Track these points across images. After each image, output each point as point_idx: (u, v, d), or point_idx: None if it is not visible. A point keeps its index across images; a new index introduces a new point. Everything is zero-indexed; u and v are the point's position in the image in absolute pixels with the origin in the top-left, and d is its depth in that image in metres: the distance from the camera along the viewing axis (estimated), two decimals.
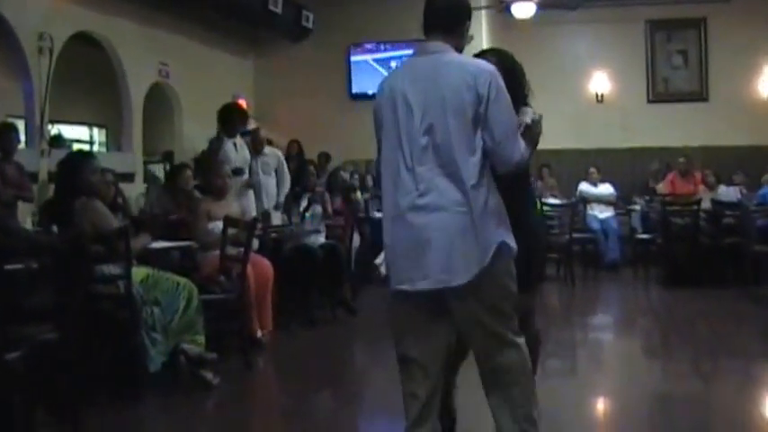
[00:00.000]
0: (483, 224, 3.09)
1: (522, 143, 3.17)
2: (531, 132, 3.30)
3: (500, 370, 3.23)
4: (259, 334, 6.56)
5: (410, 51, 14.07)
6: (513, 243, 3.17)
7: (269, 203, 8.58)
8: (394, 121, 3.19)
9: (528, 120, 3.31)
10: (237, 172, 7.97)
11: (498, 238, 3.12)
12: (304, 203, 8.23)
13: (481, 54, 3.61)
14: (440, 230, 3.09)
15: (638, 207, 11.55)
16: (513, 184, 3.34)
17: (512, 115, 3.16)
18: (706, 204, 10.20)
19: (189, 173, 7.69)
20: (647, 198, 11.47)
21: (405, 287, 3.18)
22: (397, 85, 3.23)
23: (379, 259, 3.56)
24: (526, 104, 3.53)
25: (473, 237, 3.08)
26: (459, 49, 3.28)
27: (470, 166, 3.08)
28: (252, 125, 9.76)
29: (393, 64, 13.42)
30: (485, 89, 3.07)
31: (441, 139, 3.09)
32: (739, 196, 10.54)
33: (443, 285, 3.11)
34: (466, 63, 3.19)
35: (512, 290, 3.21)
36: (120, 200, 6.80)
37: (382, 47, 13.36)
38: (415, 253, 3.12)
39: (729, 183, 11.04)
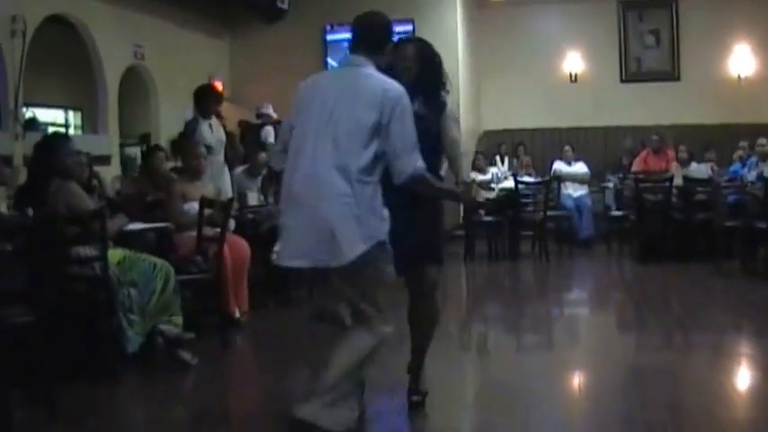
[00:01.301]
0: (365, 217, 3.37)
1: (420, 162, 3.44)
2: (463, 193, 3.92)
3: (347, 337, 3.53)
4: (237, 313, 6.61)
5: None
6: (389, 245, 3.45)
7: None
8: (308, 114, 3.50)
9: (467, 179, 3.91)
10: (210, 150, 7.95)
11: (379, 236, 3.41)
12: None
13: (402, 42, 3.99)
14: (322, 218, 3.35)
15: (611, 185, 11.66)
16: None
17: (411, 133, 3.44)
18: (678, 181, 10.32)
19: (161, 154, 7.69)
20: (621, 176, 11.57)
21: (285, 263, 3.52)
22: (319, 85, 3.67)
23: (278, 247, 3.69)
24: (444, 90, 4.00)
25: (354, 226, 3.35)
26: (380, 66, 3.59)
27: (360, 163, 3.37)
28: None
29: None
30: (390, 104, 3.39)
31: (340, 136, 3.38)
32: (710, 173, 10.66)
33: (322, 265, 3.42)
34: (382, 79, 3.52)
35: (383, 280, 3.51)
36: (95, 181, 6.78)
37: None
38: (301, 233, 3.42)
39: (701, 160, 11.16)
